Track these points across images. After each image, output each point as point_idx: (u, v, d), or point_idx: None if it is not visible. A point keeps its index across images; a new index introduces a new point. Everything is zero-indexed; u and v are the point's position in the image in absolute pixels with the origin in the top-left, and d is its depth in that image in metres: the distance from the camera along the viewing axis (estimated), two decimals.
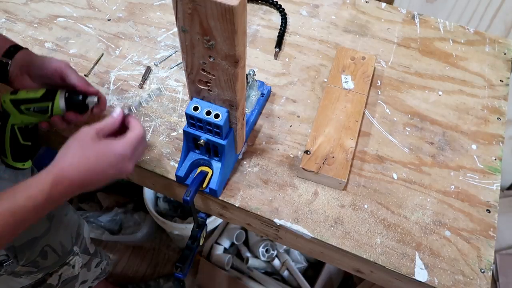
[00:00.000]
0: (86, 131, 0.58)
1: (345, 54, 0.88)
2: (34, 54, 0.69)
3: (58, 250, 0.87)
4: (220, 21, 0.46)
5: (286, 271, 1.49)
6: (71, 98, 0.67)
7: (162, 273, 1.56)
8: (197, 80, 0.58)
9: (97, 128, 0.59)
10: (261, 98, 0.81)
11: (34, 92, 0.67)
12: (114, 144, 0.58)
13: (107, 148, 0.58)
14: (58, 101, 0.66)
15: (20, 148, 0.71)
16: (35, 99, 0.67)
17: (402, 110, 0.84)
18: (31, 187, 0.52)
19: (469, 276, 0.66)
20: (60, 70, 0.67)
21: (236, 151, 0.72)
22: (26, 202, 0.51)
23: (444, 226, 0.71)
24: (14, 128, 0.69)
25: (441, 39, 0.97)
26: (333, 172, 0.71)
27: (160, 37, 0.94)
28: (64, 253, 0.89)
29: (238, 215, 0.75)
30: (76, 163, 0.55)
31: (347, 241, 0.68)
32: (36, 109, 0.67)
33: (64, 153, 0.56)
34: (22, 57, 0.68)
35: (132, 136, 0.60)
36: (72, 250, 0.92)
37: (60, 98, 0.67)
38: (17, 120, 0.69)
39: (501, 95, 0.88)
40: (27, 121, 0.69)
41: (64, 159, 0.56)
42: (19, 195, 0.51)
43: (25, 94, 0.67)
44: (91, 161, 0.56)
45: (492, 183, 0.76)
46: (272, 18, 0.99)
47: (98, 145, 0.57)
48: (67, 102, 0.67)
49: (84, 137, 0.57)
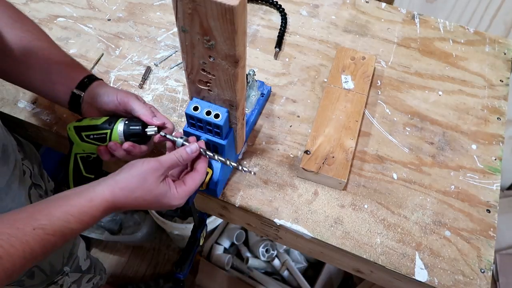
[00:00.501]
0: (155, 168, 0.55)
1: (345, 54, 0.88)
2: (104, 86, 0.68)
3: (46, 270, 0.84)
4: (220, 21, 0.46)
5: (286, 271, 1.49)
6: (129, 126, 0.64)
7: (162, 273, 1.56)
8: (197, 80, 0.58)
9: (166, 166, 0.56)
10: (261, 98, 0.81)
11: (96, 120, 0.65)
12: (173, 195, 0.56)
13: (165, 196, 0.56)
14: (116, 129, 0.63)
15: (82, 180, 0.68)
16: (95, 126, 0.64)
17: (402, 110, 0.84)
18: (85, 213, 0.51)
19: (469, 276, 0.66)
20: (124, 104, 0.65)
21: (236, 151, 0.72)
22: (77, 226, 0.50)
23: (444, 226, 0.71)
24: (77, 158, 0.67)
25: (441, 39, 0.97)
26: (333, 172, 0.71)
27: (160, 37, 0.94)
28: (53, 272, 0.86)
29: (238, 215, 0.75)
30: (132, 199, 0.54)
31: (347, 241, 0.68)
32: (96, 136, 0.64)
33: (125, 184, 0.54)
34: (92, 89, 0.67)
35: (192, 187, 0.58)
36: (61, 270, 0.89)
37: (119, 126, 0.64)
38: (79, 149, 0.66)
39: (501, 95, 0.88)
40: (88, 150, 0.66)
41: (123, 192, 0.54)
42: (72, 219, 0.50)
43: (87, 121, 0.65)
44: (145, 202, 0.55)
45: (492, 183, 0.76)
46: (272, 18, 0.99)
47: (159, 189, 0.55)
48: (125, 131, 0.63)
49: (151, 176, 0.55)
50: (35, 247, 0.46)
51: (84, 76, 0.68)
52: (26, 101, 0.83)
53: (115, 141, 0.64)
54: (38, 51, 0.67)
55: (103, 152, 0.65)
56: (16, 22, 0.67)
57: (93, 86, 0.67)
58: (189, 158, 0.59)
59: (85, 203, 0.51)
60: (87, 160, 0.68)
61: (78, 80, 0.67)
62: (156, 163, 0.56)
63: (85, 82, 0.67)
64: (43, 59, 0.68)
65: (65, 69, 0.68)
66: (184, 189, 0.58)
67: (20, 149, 0.80)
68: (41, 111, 0.81)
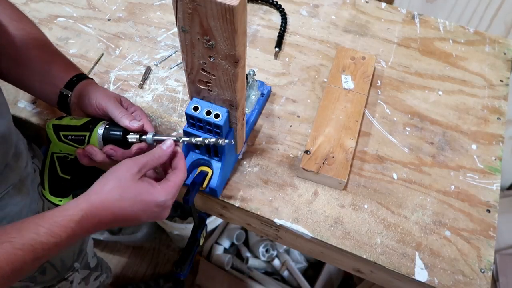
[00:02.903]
0: (128, 166, 0.52)
1: (345, 54, 0.88)
2: (89, 86, 0.64)
3: (57, 266, 0.84)
4: (220, 21, 0.46)
5: (286, 271, 1.49)
6: (110, 131, 0.60)
7: (162, 273, 1.57)
8: (197, 80, 0.58)
9: (140, 164, 0.53)
10: (261, 98, 0.81)
11: (77, 120, 0.61)
12: (155, 190, 0.52)
13: (147, 193, 0.52)
14: (95, 133, 0.60)
15: (58, 180, 0.66)
16: (75, 127, 0.60)
17: (402, 110, 0.84)
18: (56, 223, 0.47)
19: (469, 276, 0.66)
20: (102, 109, 0.61)
21: (236, 151, 0.72)
22: (49, 239, 0.46)
23: (444, 226, 0.71)
24: (53, 157, 0.64)
25: (441, 39, 0.97)
26: (333, 172, 0.71)
27: (160, 37, 0.94)
28: (64, 269, 0.87)
29: (238, 215, 0.75)
30: (110, 203, 0.50)
31: (347, 241, 0.68)
32: (74, 138, 0.60)
33: (100, 188, 0.51)
34: (78, 89, 0.64)
35: (176, 182, 0.55)
36: (72, 267, 0.89)
37: (98, 129, 0.60)
38: (56, 148, 0.63)
39: (501, 95, 0.88)
40: (65, 151, 0.63)
41: (98, 195, 0.50)
42: (43, 230, 0.46)
43: (67, 121, 0.61)
44: (127, 204, 0.51)
45: (492, 183, 0.76)
46: (272, 18, 0.99)
47: (138, 187, 0.51)
48: (104, 135, 0.60)
49: (125, 174, 0.51)
50: (2, 264, 0.43)
51: (73, 75, 0.65)
52: (26, 101, 0.83)
53: (93, 145, 0.60)
54: (31, 49, 0.66)
55: (81, 155, 0.61)
56: (13, 20, 0.66)
57: (80, 85, 0.65)
58: (164, 154, 0.56)
59: (57, 213, 0.48)
60: (64, 161, 0.65)
61: (68, 79, 0.65)
62: (129, 162, 0.53)
63: (73, 82, 0.65)
64: (35, 58, 0.66)
65: (56, 68, 0.66)
66: (168, 184, 0.54)
67: (30, 148, 0.80)
68: (41, 111, 0.81)
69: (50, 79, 0.65)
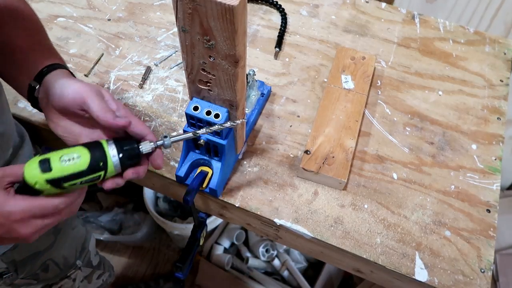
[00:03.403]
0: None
1: (345, 54, 0.88)
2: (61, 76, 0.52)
3: (60, 263, 0.84)
4: (220, 21, 0.46)
5: (286, 271, 1.49)
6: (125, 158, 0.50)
7: (162, 273, 1.57)
8: (197, 80, 0.58)
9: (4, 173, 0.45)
10: (261, 98, 0.81)
11: (74, 164, 0.47)
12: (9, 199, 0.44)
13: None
14: (111, 167, 0.49)
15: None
16: (81, 172, 0.48)
17: (402, 110, 0.84)
18: None
19: (469, 276, 0.66)
20: (80, 100, 0.50)
21: (236, 151, 0.72)
22: None
23: (444, 226, 0.71)
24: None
25: (441, 39, 0.97)
26: (333, 172, 0.71)
27: (160, 37, 0.94)
28: (66, 266, 0.86)
29: (238, 215, 0.75)
30: None
31: (347, 241, 0.68)
32: (85, 182, 0.49)
33: None
34: (47, 80, 0.52)
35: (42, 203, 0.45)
36: (74, 264, 0.89)
37: (112, 160, 0.49)
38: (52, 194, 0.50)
39: (501, 95, 0.88)
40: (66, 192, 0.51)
41: None
42: None
43: (63, 169, 0.46)
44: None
45: (492, 183, 0.76)
46: (272, 18, 0.99)
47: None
48: (122, 163, 0.50)
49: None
50: None
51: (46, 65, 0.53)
52: (26, 101, 0.83)
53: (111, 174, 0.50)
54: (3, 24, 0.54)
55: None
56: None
57: (50, 76, 0.53)
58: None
59: None
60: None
61: (41, 67, 0.53)
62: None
63: (43, 72, 0.53)
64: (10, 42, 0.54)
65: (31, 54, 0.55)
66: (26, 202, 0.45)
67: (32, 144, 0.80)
68: None
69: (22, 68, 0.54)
